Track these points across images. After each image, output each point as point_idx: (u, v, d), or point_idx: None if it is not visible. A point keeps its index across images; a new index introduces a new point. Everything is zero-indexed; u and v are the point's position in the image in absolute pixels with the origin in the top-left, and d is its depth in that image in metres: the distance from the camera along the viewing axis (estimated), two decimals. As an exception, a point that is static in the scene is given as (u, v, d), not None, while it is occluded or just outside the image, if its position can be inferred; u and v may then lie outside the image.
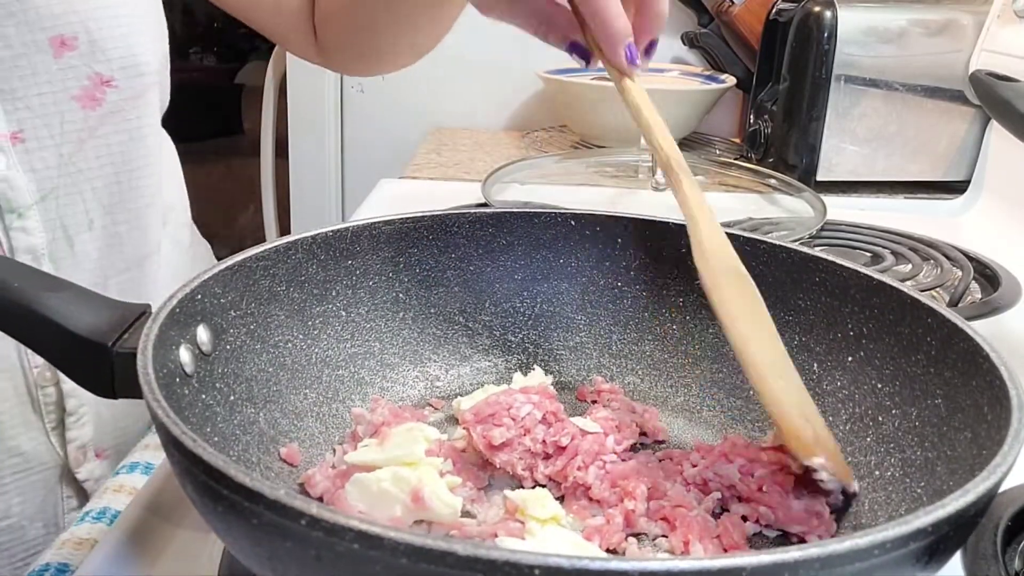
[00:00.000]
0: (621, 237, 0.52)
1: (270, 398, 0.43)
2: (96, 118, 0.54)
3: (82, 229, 0.55)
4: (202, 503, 0.29)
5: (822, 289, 0.46)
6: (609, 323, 0.53)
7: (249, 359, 0.43)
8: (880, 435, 0.41)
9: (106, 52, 0.54)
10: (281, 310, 0.45)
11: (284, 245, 0.46)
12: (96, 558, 0.40)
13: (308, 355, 0.46)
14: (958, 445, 0.36)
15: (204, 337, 0.40)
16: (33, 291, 0.38)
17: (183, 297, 0.39)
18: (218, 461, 0.26)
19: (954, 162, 0.99)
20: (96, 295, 0.40)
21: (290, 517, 0.25)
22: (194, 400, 0.38)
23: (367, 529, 0.24)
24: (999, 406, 0.34)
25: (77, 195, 0.55)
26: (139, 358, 0.33)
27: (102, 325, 0.38)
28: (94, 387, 0.38)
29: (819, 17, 0.96)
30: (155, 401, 0.30)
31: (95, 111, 0.54)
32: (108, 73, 0.54)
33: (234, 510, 0.27)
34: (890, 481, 0.39)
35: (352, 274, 0.49)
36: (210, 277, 0.41)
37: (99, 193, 0.56)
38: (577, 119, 1.21)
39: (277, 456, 0.42)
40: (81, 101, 0.53)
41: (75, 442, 0.58)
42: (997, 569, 0.34)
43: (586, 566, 0.23)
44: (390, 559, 0.24)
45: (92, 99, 0.54)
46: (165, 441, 0.29)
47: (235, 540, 0.29)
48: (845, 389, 0.44)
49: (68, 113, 0.53)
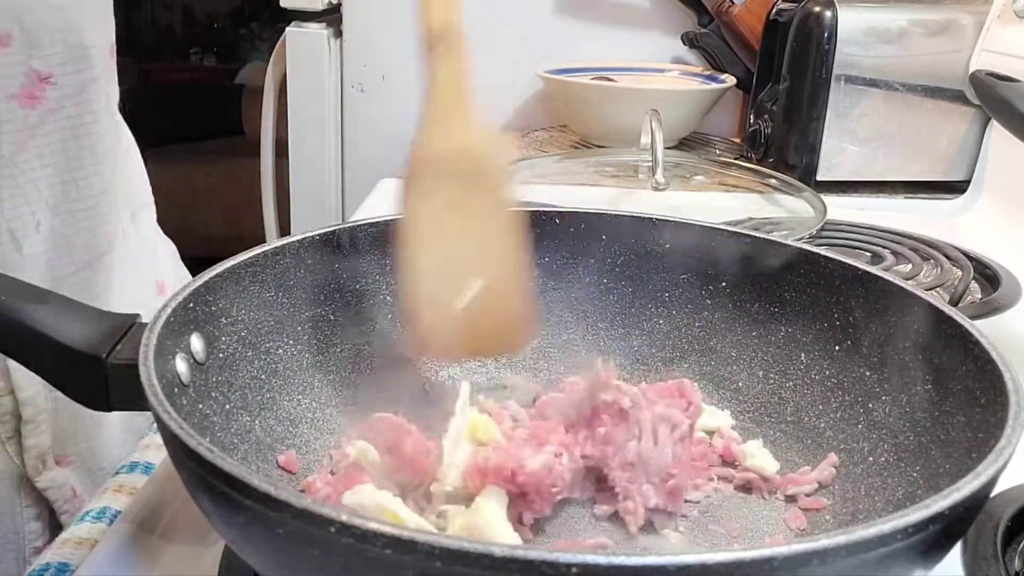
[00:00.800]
0: (605, 233, 0.53)
1: (264, 405, 0.43)
2: (36, 116, 0.52)
3: (30, 231, 0.54)
4: (220, 515, 0.28)
5: (807, 280, 0.47)
6: (596, 319, 0.53)
7: (242, 367, 0.42)
8: (871, 422, 0.42)
9: (42, 48, 0.52)
10: (271, 316, 0.45)
11: (272, 250, 0.45)
12: (96, 558, 0.40)
13: (299, 361, 0.46)
14: (952, 429, 0.37)
15: (197, 346, 0.39)
16: (19, 304, 0.37)
17: (176, 306, 0.38)
18: (240, 471, 0.26)
19: (954, 162, 0.99)
20: (83, 306, 0.39)
21: (318, 525, 0.25)
22: (192, 410, 0.37)
23: (400, 534, 0.24)
24: (992, 389, 0.35)
25: (21, 196, 0.53)
26: (141, 369, 0.32)
27: (94, 336, 0.37)
28: (87, 400, 0.37)
29: (819, 17, 0.95)
30: (166, 413, 0.29)
31: (35, 109, 0.52)
32: (46, 69, 0.52)
33: (257, 521, 0.26)
34: (884, 467, 0.40)
35: (340, 277, 0.49)
36: (201, 284, 0.40)
37: (44, 193, 0.54)
38: (577, 119, 1.20)
39: (275, 464, 0.41)
40: (19, 100, 0.51)
41: (32, 451, 0.56)
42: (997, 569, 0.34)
43: (623, 562, 0.23)
44: (424, 563, 0.24)
45: (31, 97, 0.52)
46: (179, 453, 0.29)
47: (256, 551, 0.28)
48: (834, 378, 0.45)
49: (6, 112, 0.51)
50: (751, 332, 0.49)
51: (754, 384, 0.48)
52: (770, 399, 0.47)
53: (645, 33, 1.30)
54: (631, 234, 0.52)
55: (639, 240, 0.52)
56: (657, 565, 0.23)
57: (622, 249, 0.52)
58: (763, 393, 0.48)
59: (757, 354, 0.49)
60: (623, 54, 1.26)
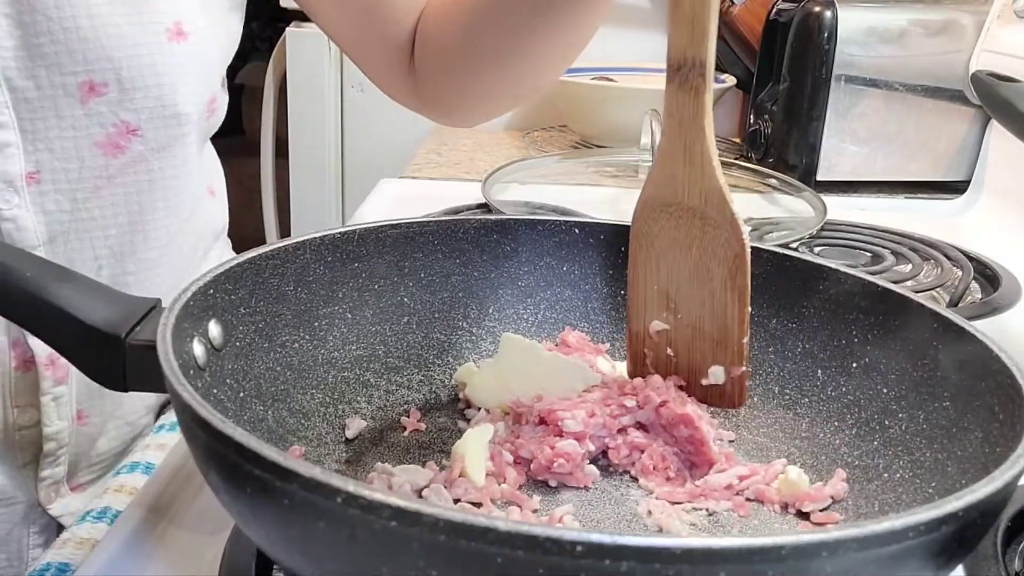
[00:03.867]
0: (624, 245, 0.53)
1: (278, 396, 0.43)
2: (117, 166, 0.53)
3: (90, 273, 0.54)
4: (228, 487, 0.28)
5: (826, 296, 0.47)
6: (611, 331, 0.53)
7: (257, 357, 0.43)
8: (887, 438, 0.42)
9: (135, 101, 0.52)
10: (288, 309, 0.45)
11: (293, 245, 0.46)
12: (96, 558, 0.40)
13: (314, 356, 0.46)
14: (968, 445, 0.37)
15: (215, 332, 0.40)
16: (44, 281, 0.38)
17: (196, 291, 0.38)
18: (251, 440, 0.26)
19: (954, 162, 1.00)
20: (106, 288, 0.40)
21: (326, 495, 0.25)
22: (207, 394, 0.37)
23: (406, 506, 0.24)
24: (1011, 404, 0.35)
25: (88, 240, 0.54)
26: (159, 346, 0.33)
27: (114, 317, 0.37)
28: (104, 379, 0.37)
29: (819, 17, 0.96)
30: (180, 384, 0.30)
31: (116, 158, 0.53)
32: (135, 122, 0.53)
33: (264, 492, 0.26)
34: (899, 483, 0.40)
35: (358, 277, 0.49)
36: (221, 273, 0.41)
37: (111, 240, 0.55)
38: (577, 119, 1.21)
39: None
40: (103, 147, 0.52)
41: (47, 480, 0.56)
42: (997, 569, 0.34)
43: (628, 542, 0.23)
44: (429, 536, 0.24)
45: (115, 146, 0.53)
46: (190, 424, 0.29)
47: (262, 524, 0.28)
48: (850, 395, 0.45)
49: (89, 159, 0.52)
50: (768, 348, 0.49)
51: (769, 399, 0.48)
52: (785, 415, 0.47)
53: (645, 33, 1.30)
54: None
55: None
56: (663, 547, 0.23)
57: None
58: (778, 408, 0.47)
59: (774, 370, 0.48)
60: (623, 54, 1.26)
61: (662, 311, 0.47)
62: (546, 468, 0.42)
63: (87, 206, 0.53)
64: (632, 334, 0.48)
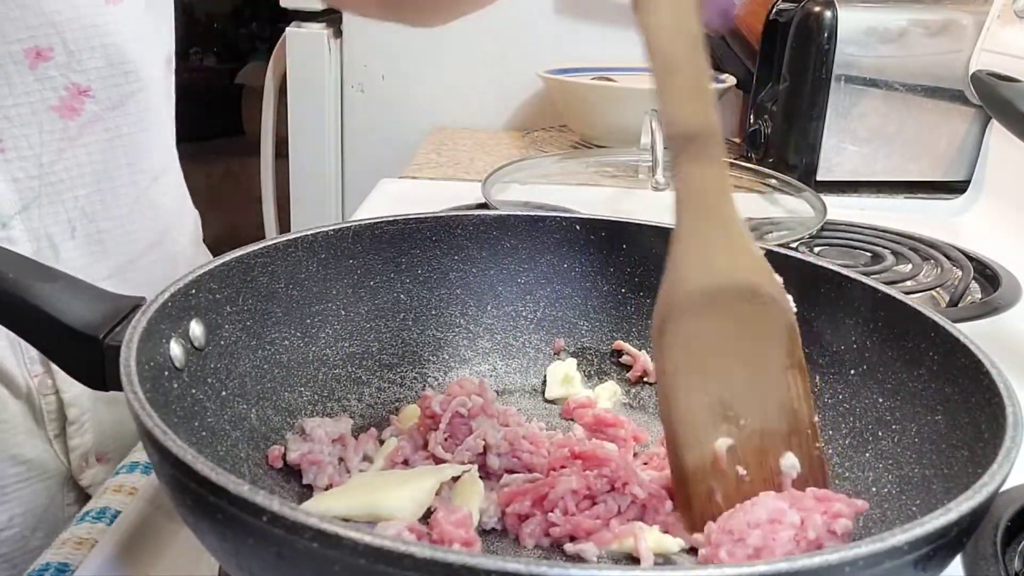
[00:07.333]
0: (626, 243, 0.52)
1: (263, 395, 0.43)
2: (75, 127, 0.55)
3: (66, 237, 0.56)
4: (172, 496, 0.29)
5: (827, 300, 0.46)
6: (612, 329, 0.52)
7: (243, 355, 0.43)
8: (879, 451, 0.41)
9: (82, 63, 0.54)
10: (279, 307, 0.45)
11: (284, 243, 0.46)
12: (96, 558, 0.40)
13: (304, 353, 0.46)
14: (955, 464, 0.36)
15: (197, 331, 0.40)
16: (26, 281, 0.38)
17: (176, 291, 0.39)
18: (186, 455, 0.26)
19: (954, 162, 0.99)
20: (90, 287, 0.40)
21: (252, 513, 0.25)
22: (183, 394, 0.38)
23: (326, 528, 0.24)
24: (995, 424, 0.33)
25: (59, 203, 0.55)
26: (123, 350, 0.33)
27: (94, 317, 0.38)
28: (85, 379, 0.38)
29: (819, 17, 0.95)
30: (132, 393, 0.30)
31: (74, 120, 0.54)
32: (85, 83, 0.54)
33: (200, 504, 0.26)
34: (886, 498, 0.38)
35: (353, 273, 0.49)
36: (206, 272, 0.41)
37: (80, 201, 0.56)
38: (577, 119, 1.20)
39: (265, 459, 0.42)
40: (59, 111, 0.53)
41: (78, 450, 0.58)
42: (997, 569, 0.33)
43: (544, 572, 0.23)
44: (349, 559, 0.24)
45: (70, 109, 0.54)
46: (141, 433, 0.29)
47: (203, 535, 0.28)
48: (846, 403, 0.44)
49: (47, 123, 0.53)
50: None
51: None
52: (781, 421, 0.46)
53: (646, 33, 1.29)
54: (651, 244, 0.51)
55: (659, 250, 0.51)
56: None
57: (641, 258, 0.51)
58: (774, 415, 0.46)
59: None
60: (623, 54, 1.24)
61: (720, 424, 0.38)
62: None
63: (54, 169, 0.54)
64: (687, 475, 0.38)
